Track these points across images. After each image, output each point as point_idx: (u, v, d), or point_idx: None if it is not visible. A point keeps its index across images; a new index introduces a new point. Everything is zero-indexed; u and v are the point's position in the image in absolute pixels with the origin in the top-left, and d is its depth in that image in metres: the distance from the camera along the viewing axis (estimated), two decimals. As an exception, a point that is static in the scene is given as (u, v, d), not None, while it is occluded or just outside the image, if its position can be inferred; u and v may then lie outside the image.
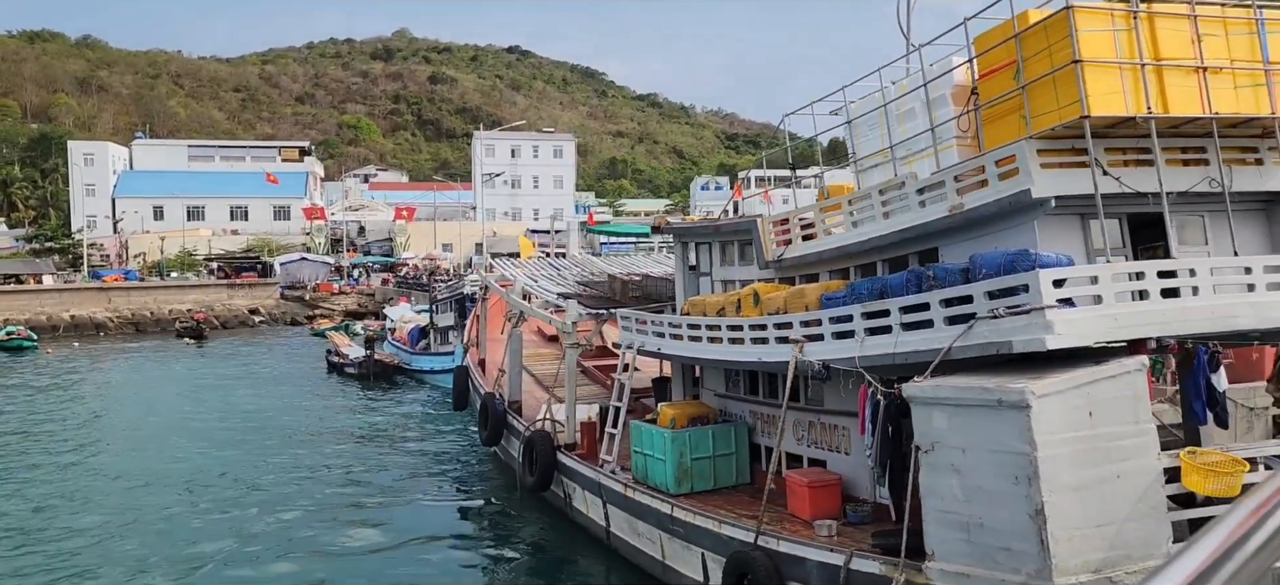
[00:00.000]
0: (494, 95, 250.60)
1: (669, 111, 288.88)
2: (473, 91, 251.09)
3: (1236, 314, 9.61)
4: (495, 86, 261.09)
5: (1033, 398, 8.69)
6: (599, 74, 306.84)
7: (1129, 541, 8.88)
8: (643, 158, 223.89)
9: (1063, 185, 10.18)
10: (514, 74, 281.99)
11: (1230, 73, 10.22)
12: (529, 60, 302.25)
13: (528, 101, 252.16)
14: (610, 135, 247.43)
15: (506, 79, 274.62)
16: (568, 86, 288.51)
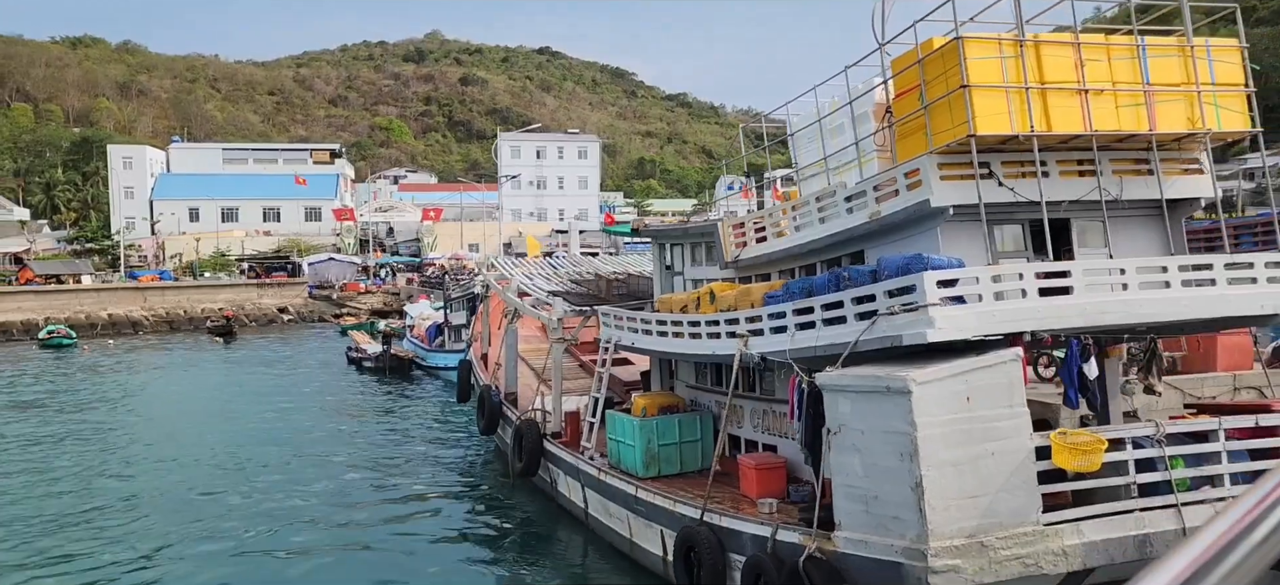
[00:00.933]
0: (524, 96, 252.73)
1: (698, 111, 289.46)
2: (503, 92, 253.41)
3: (1107, 310, 10.76)
4: (525, 87, 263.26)
5: (914, 385, 9.91)
6: (629, 74, 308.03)
7: (1001, 511, 10.08)
8: (672, 158, 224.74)
9: (960, 196, 11.38)
10: (544, 75, 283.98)
11: (1112, 94, 11.36)
12: (559, 61, 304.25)
13: (557, 102, 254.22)
14: (639, 135, 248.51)
15: (537, 80, 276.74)
16: (597, 87, 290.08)
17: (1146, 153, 12.16)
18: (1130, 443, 10.62)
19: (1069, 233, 12.45)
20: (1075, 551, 10.12)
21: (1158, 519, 10.42)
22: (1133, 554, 10.31)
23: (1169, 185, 12.36)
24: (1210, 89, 11.74)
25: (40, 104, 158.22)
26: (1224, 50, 12.00)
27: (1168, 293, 10.98)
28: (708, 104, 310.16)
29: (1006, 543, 9.98)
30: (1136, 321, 10.96)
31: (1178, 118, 11.67)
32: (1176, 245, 12.63)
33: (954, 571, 9.79)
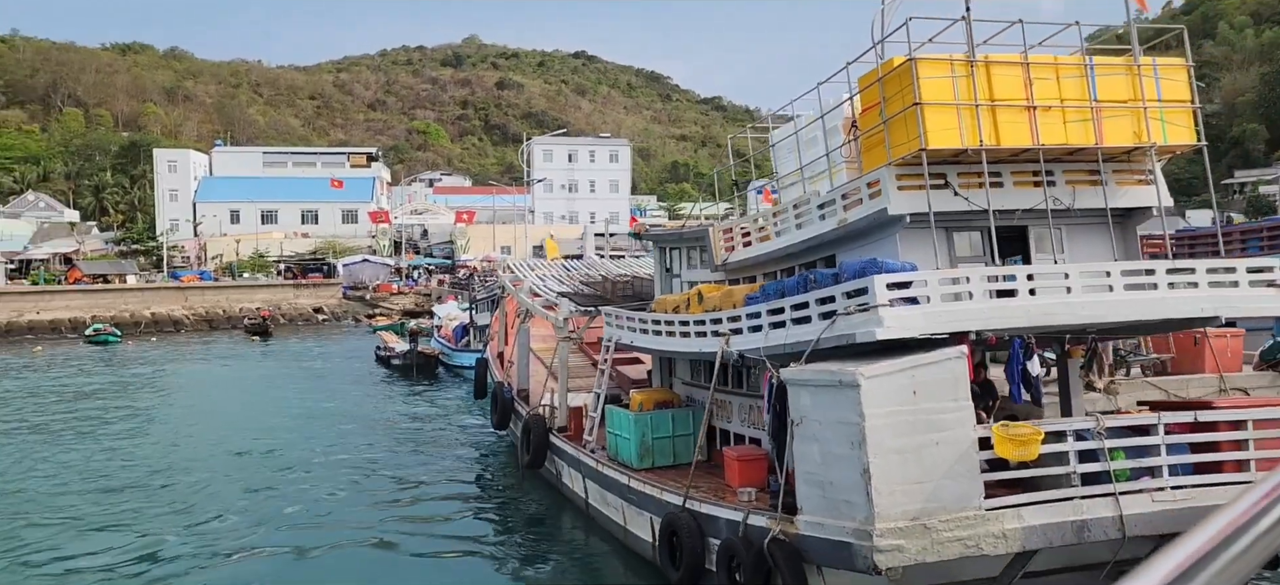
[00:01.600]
0: (559, 100, 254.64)
1: (733, 114, 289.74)
2: (538, 96, 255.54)
3: (1052, 312, 11.54)
4: (561, 91, 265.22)
5: (862, 378, 10.78)
6: (664, 78, 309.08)
7: (944, 496, 10.90)
8: (706, 161, 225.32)
9: (916, 204, 12.23)
10: (579, 79, 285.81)
11: (1060, 110, 12.15)
12: (595, 65, 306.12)
13: (593, 106, 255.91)
14: (674, 139, 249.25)
15: (572, 84, 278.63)
16: (633, 90, 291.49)
17: (1097, 166, 12.91)
18: (1071, 435, 11.40)
19: (1027, 239, 13.23)
20: (1015, 534, 10.91)
21: (1096, 506, 11.18)
22: (1071, 538, 11.08)
23: (1122, 195, 13.12)
24: (1157, 105, 12.48)
25: (91, 109, 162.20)
26: (1171, 69, 12.74)
27: (1110, 296, 11.73)
28: (743, 107, 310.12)
29: (949, 525, 10.80)
30: (1080, 322, 11.73)
31: (1125, 132, 12.42)
32: (1130, 251, 13.37)
33: (897, 550, 10.63)
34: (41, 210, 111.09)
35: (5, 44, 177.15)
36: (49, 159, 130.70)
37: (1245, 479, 11.77)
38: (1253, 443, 11.88)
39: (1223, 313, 12.22)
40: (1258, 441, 11.91)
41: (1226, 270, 12.32)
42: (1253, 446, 11.87)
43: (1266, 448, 11.97)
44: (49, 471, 23.83)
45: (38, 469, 24.15)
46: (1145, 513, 11.22)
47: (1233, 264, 12.43)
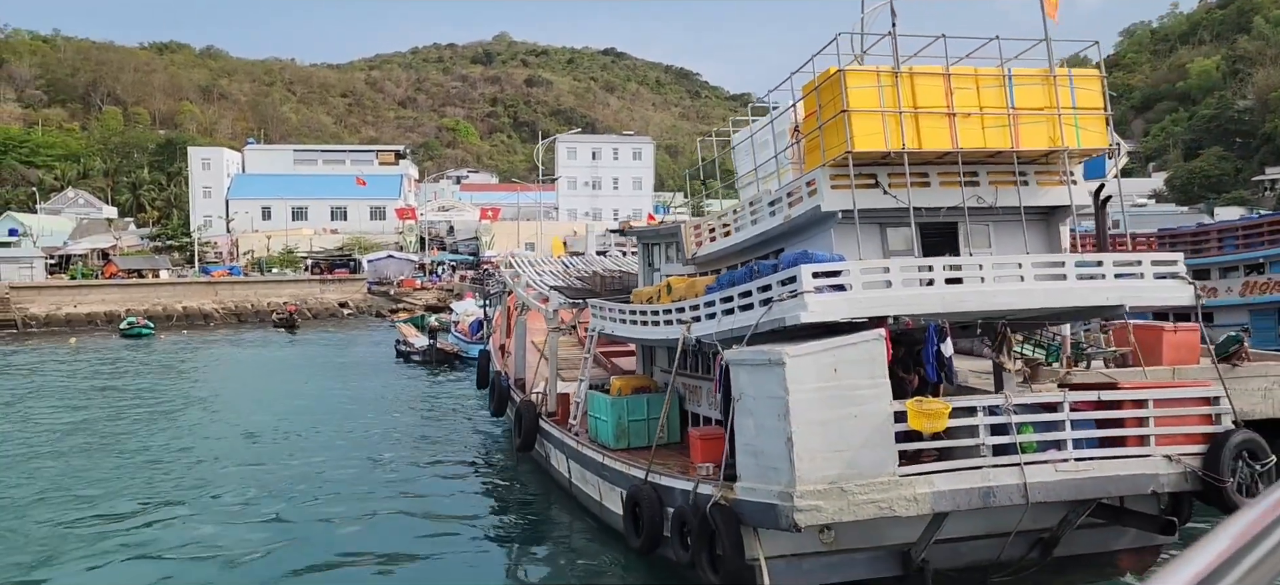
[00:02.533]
0: (588, 97, 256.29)
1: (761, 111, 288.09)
2: (567, 94, 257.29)
3: (965, 299, 12.75)
4: (589, 88, 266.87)
5: (787, 358, 12.04)
6: (693, 75, 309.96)
7: (861, 463, 12.13)
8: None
9: (847, 202, 13.47)
10: (608, 76, 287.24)
11: (979, 117, 13.33)
12: (624, 62, 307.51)
13: (621, 103, 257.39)
14: (701, 135, 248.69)
15: (601, 81, 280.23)
16: (661, 88, 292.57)
17: (1027, 167, 14.08)
18: (982, 411, 12.60)
19: (956, 235, 14.43)
20: (925, 498, 12.12)
21: (1002, 475, 12.37)
22: (977, 502, 12.26)
23: (1045, 194, 14.27)
24: (1071, 112, 13.62)
25: (129, 108, 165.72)
26: (1085, 79, 13.87)
27: (1022, 286, 12.92)
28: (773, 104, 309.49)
29: (864, 489, 12.04)
30: (991, 309, 12.93)
31: (1040, 137, 13.57)
32: (1054, 246, 14.51)
33: (816, 510, 11.88)
34: (81, 207, 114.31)
35: (47, 44, 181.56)
36: (88, 157, 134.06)
37: (1146, 452, 12.94)
38: (1152, 420, 13.05)
39: (1127, 301, 13.37)
40: (1157, 418, 13.08)
41: (1133, 263, 13.44)
42: (1152, 423, 13.03)
43: (1166, 424, 13.13)
44: (80, 451, 25.60)
45: (71, 450, 25.93)
46: (1047, 480, 12.40)
47: (1140, 258, 13.54)
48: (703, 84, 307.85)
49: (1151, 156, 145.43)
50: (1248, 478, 12.90)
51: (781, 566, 12.89)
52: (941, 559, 13.22)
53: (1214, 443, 12.89)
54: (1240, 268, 27.41)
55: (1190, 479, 12.83)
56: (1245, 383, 21.03)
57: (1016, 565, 13.65)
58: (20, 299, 67.13)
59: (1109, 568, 14.37)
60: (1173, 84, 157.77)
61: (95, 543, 17.37)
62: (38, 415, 31.93)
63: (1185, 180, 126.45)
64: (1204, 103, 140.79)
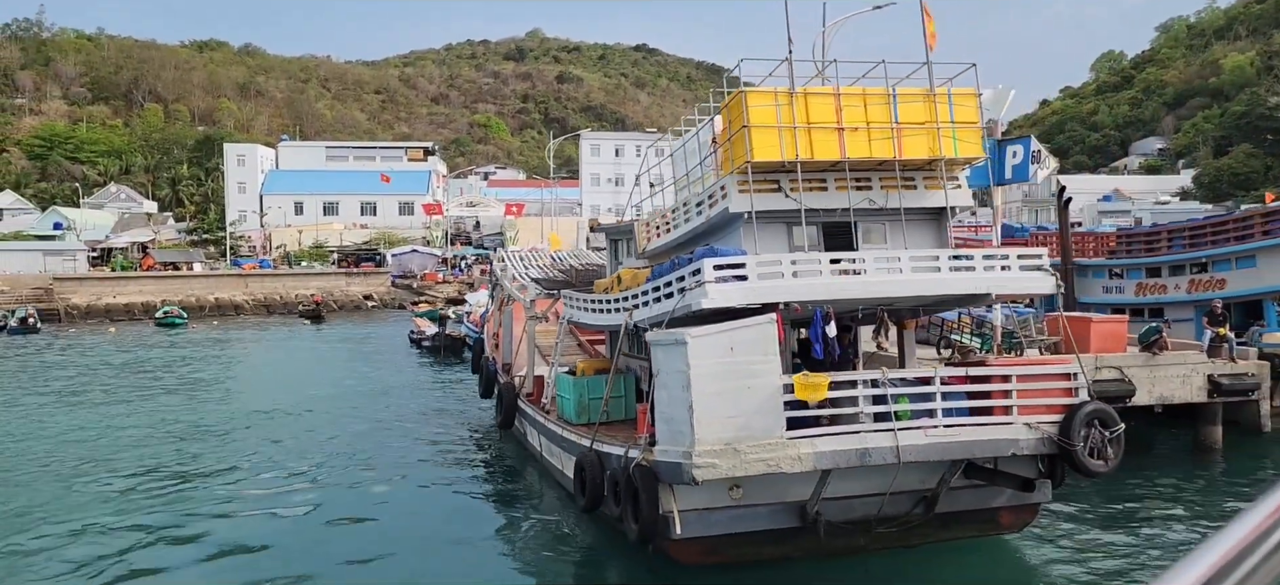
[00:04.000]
0: (618, 93, 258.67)
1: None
2: (598, 90, 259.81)
3: (847, 288, 14.78)
4: (620, 85, 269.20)
5: (690, 338, 14.15)
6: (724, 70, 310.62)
7: (752, 428, 14.20)
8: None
9: (755, 203, 15.56)
10: (639, 72, 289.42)
11: (866, 131, 15.36)
12: (655, 57, 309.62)
13: (651, 99, 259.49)
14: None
15: (631, 77, 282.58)
16: (692, 84, 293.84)
17: (912, 173, 16.09)
18: (862, 384, 14.65)
19: (855, 232, 16.47)
20: (808, 457, 14.18)
21: (878, 438, 14.39)
22: (855, 461, 14.29)
23: (931, 197, 16.26)
24: (949, 125, 15.60)
25: (169, 105, 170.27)
26: (963, 96, 15.82)
27: (899, 276, 14.94)
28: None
29: (754, 449, 14.12)
30: (872, 297, 14.97)
31: (921, 147, 15.55)
32: (942, 242, 16.49)
33: (712, 467, 13.98)
34: (123, 201, 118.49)
35: (92, 42, 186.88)
36: (130, 153, 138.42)
37: (1009, 421, 14.92)
38: (1016, 393, 15.04)
39: (995, 290, 15.35)
40: (1021, 392, 15.07)
41: (1001, 257, 15.41)
42: (1016, 396, 15.02)
43: (1028, 397, 15.11)
44: (113, 426, 28.31)
45: (105, 424, 28.65)
46: (917, 443, 14.42)
47: (1007, 252, 15.51)
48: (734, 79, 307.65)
49: (1182, 153, 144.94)
50: (1099, 443, 14.82)
51: (693, 518, 14.99)
52: (833, 513, 15.25)
53: (1069, 413, 14.83)
54: (1187, 266, 29.05)
55: (1047, 444, 14.79)
56: (1166, 370, 22.91)
57: (902, 520, 15.65)
58: (63, 290, 70.74)
59: (989, 524, 16.33)
60: (1206, 80, 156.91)
61: (112, 499, 19.92)
62: (77, 393, 34.80)
63: (1213, 178, 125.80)
64: (1237, 100, 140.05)
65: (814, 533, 15.22)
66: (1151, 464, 22.84)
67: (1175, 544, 16.92)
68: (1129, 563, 16.13)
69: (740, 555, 15.27)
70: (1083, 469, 14.77)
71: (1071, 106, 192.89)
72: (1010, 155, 21.52)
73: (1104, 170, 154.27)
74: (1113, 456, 14.88)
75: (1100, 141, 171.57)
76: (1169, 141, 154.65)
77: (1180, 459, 23.29)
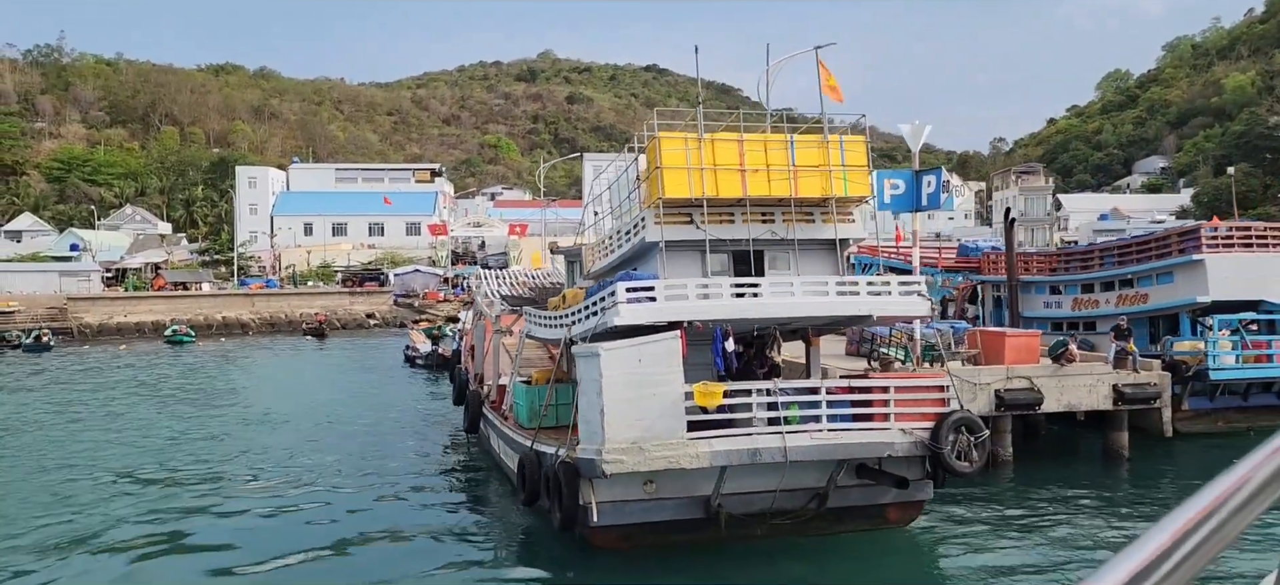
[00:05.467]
0: (628, 114, 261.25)
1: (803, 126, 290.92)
2: (608, 110, 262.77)
3: (744, 309, 16.93)
4: (630, 105, 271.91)
5: (603, 351, 16.33)
6: (734, 90, 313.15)
7: (657, 429, 16.33)
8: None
9: (667, 234, 17.76)
10: (649, 92, 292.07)
11: (765, 172, 17.55)
12: (665, 78, 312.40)
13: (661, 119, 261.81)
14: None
15: (642, 97, 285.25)
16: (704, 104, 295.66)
17: (810, 208, 18.27)
18: (756, 393, 16.78)
19: (762, 260, 18.64)
20: (705, 455, 16.30)
21: (768, 439, 16.48)
22: (747, 460, 16.38)
23: (827, 229, 18.42)
24: (841, 168, 17.78)
25: (185, 127, 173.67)
26: (853, 142, 18.02)
27: (790, 299, 17.09)
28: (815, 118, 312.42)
29: (657, 448, 16.25)
30: (766, 317, 17.13)
31: (815, 186, 17.72)
32: (838, 269, 18.63)
33: (619, 462, 16.10)
34: (138, 223, 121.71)
35: (111, 67, 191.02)
36: (146, 175, 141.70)
37: (886, 427, 17.01)
38: (893, 402, 17.15)
39: (876, 312, 17.48)
40: (899, 402, 17.17)
41: (883, 282, 17.56)
42: (893, 404, 17.13)
43: (906, 405, 17.20)
44: (123, 437, 30.69)
45: (115, 434, 31.04)
46: (803, 444, 16.53)
47: (888, 279, 17.66)
48: (744, 99, 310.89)
49: (1183, 172, 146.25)
50: (965, 446, 16.89)
51: (609, 508, 17.10)
52: (734, 506, 17.33)
53: (939, 420, 16.93)
54: (1116, 283, 31.08)
55: (919, 447, 16.89)
56: (1073, 380, 24.96)
57: (796, 513, 17.73)
58: (77, 309, 73.54)
59: (878, 518, 18.37)
60: (1208, 100, 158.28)
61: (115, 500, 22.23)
62: (81, 406, 37.25)
63: (1212, 197, 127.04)
64: (1238, 118, 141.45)
65: (717, 524, 17.30)
66: (1068, 466, 24.91)
67: (1070, 538, 18.86)
68: (1019, 552, 18.07)
69: (652, 543, 17.36)
70: (949, 469, 16.86)
71: (1076, 125, 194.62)
72: (925, 185, 23.64)
73: (1106, 189, 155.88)
74: (977, 459, 16.96)
75: (1103, 160, 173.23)
76: (1171, 160, 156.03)
77: (1093, 462, 25.28)
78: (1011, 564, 17.51)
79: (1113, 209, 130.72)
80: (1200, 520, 1.20)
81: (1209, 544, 1.19)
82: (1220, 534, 1.21)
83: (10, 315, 70.41)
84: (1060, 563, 17.53)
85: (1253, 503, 1.26)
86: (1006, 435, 24.68)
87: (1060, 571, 17.07)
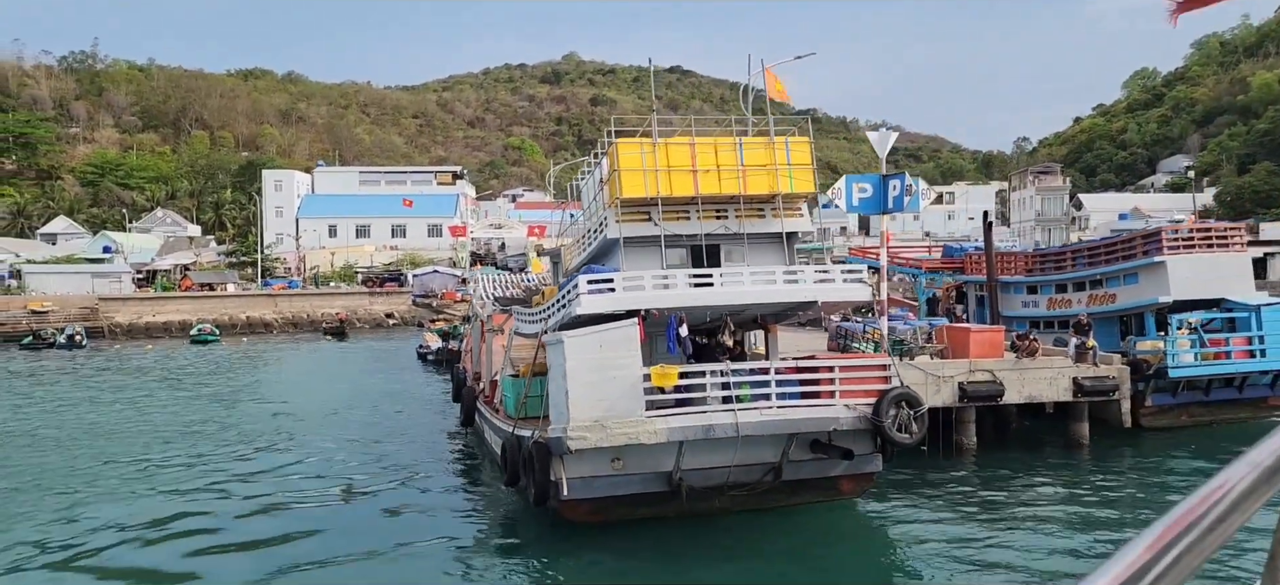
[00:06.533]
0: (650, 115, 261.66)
1: (826, 126, 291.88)
2: (630, 112, 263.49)
3: (697, 298, 18.40)
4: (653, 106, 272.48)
5: (566, 338, 17.87)
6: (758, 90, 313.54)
7: (617, 409, 17.82)
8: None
9: (626, 231, 19.27)
10: (672, 94, 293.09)
11: (715, 172, 19.02)
12: (689, 79, 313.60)
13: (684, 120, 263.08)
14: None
15: (665, 99, 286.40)
16: (725, 104, 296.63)
17: (760, 204, 19.72)
18: (710, 374, 18.25)
19: (718, 253, 20.11)
20: (662, 431, 17.75)
21: (721, 416, 17.92)
22: (701, 435, 17.82)
23: (777, 224, 19.87)
24: (786, 167, 19.22)
25: (215, 132, 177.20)
26: (798, 143, 19.45)
27: (740, 288, 18.55)
28: (838, 118, 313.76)
29: (618, 426, 17.73)
30: (717, 305, 18.59)
31: (763, 185, 19.16)
32: (788, 260, 20.05)
33: (583, 439, 17.60)
34: (168, 225, 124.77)
35: (143, 73, 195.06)
36: (176, 179, 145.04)
37: (832, 404, 18.41)
38: (838, 381, 18.56)
39: (821, 298, 18.89)
40: (844, 381, 18.59)
41: (826, 272, 18.99)
42: (838, 382, 18.54)
43: (851, 383, 18.61)
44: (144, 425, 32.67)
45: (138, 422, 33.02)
46: (753, 421, 17.96)
47: (831, 268, 19.08)
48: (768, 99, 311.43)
49: (1207, 171, 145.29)
50: (906, 420, 18.26)
51: (578, 483, 18.59)
52: (694, 480, 18.78)
53: (881, 396, 18.32)
54: (1087, 283, 32.21)
55: (862, 421, 18.29)
56: (1034, 373, 26.20)
57: (753, 486, 19.15)
58: (108, 309, 76.16)
59: (832, 490, 19.75)
60: (1234, 98, 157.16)
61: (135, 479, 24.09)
62: (107, 399, 39.35)
63: (1234, 196, 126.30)
64: (1263, 117, 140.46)
65: (679, 497, 18.77)
66: (1029, 454, 26.13)
67: (1021, 515, 20.15)
68: (972, 525, 19.42)
69: (619, 515, 18.87)
70: (889, 440, 18.25)
71: (1101, 124, 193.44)
72: (891, 188, 24.97)
73: (1130, 189, 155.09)
74: (917, 431, 18.34)
75: (1127, 160, 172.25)
76: (1195, 159, 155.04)
77: (1054, 451, 26.50)
78: (963, 535, 18.86)
79: (1133, 209, 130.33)
80: (1180, 532, 1.16)
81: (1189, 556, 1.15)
82: (1198, 548, 1.17)
83: (45, 315, 73.09)
84: (1008, 534, 18.86)
85: (1232, 515, 1.21)
86: (970, 425, 25.96)
87: (1006, 541, 18.39)
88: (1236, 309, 28.18)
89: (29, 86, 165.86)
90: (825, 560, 18.27)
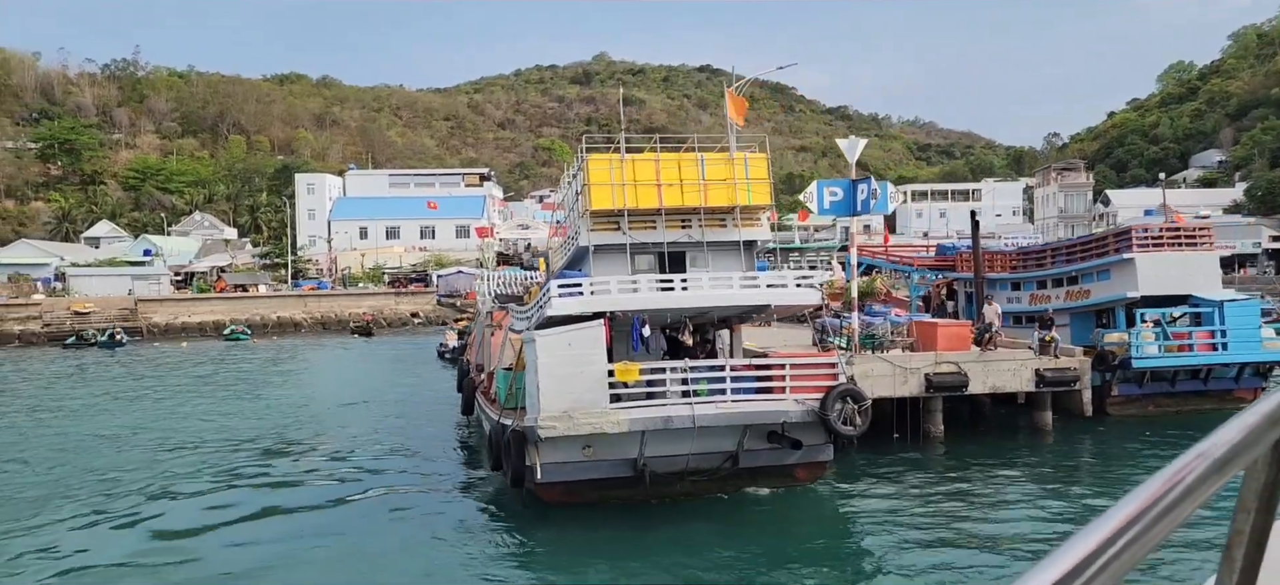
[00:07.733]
0: (680, 114, 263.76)
1: (858, 124, 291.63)
2: (660, 112, 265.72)
3: (661, 301, 20.18)
4: (682, 106, 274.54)
5: (538, 336, 19.74)
6: (789, 89, 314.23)
7: (583, 401, 19.63)
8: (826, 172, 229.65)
9: (597, 239, 21.10)
10: (702, 93, 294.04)
11: (679, 186, 20.78)
12: (719, 78, 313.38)
13: (713, 119, 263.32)
14: (793, 150, 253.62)
15: (695, 98, 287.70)
16: (755, 102, 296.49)
17: (722, 215, 21.46)
18: (669, 371, 20.03)
19: (683, 259, 21.88)
20: (624, 421, 19.55)
21: (679, 409, 19.70)
22: (661, 426, 19.61)
23: (743, 232, 21.60)
24: (744, 181, 20.94)
25: (251, 136, 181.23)
26: (756, 159, 21.16)
27: (701, 291, 20.31)
28: (870, 115, 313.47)
29: (584, 416, 19.55)
30: (678, 307, 20.37)
31: (722, 197, 20.88)
32: (748, 267, 21.76)
33: (552, 428, 19.44)
34: (206, 228, 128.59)
35: (183, 79, 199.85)
36: (214, 183, 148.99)
37: (783, 398, 20.11)
38: (789, 377, 20.26)
39: (774, 301, 20.61)
40: (793, 376, 20.28)
41: (780, 277, 20.69)
42: (789, 379, 20.24)
43: (800, 380, 20.30)
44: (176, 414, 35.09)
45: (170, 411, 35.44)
46: (709, 412, 19.73)
47: (785, 274, 20.78)
48: (798, 97, 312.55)
49: (1239, 166, 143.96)
50: (851, 413, 19.91)
51: (552, 468, 20.43)
52: (658, 466, 20.56)
53: (828, 392, 19.99)
54: (1064, 280, 33.58)
55: (810, 415, 19.97)
56: (997, 364, 27.69)
57: (712, 473, 20.90)
58: (146, 310, 79.40)
59: (787, 477, 21.44)
60: (1269, 90, 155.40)
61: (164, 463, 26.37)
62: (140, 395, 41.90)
63: (1266, 190, 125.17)
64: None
65: (643, 482, 20.55)
66: (995, 442, 27.63)
67: (982, 494, 21.73)
68: (933, 504, 21.01)
69: (588, 498, 20.70)
70: (834, 431, 19.92)
71: (1134, 119, 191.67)
72: (860, 191, 26.59)
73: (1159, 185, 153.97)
74: (861, 424, 19.97)
75: (1159, 154, 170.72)
76: (1228, 154, 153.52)
77: (1018, 439, 27.97)
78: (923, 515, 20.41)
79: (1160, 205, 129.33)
80: (1129, 522, 1.16)
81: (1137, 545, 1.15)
82: (1148, 536, 1.17)
83: (87, 316, 76.43)
84: (968, 513, 20.42)
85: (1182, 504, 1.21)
86: (937, 414, 27.47)
87: (965, 525, 19.93)
88: (1202, 304, 29.42)
89: (73, 94, 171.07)
90: (783, 536, 19.97)
